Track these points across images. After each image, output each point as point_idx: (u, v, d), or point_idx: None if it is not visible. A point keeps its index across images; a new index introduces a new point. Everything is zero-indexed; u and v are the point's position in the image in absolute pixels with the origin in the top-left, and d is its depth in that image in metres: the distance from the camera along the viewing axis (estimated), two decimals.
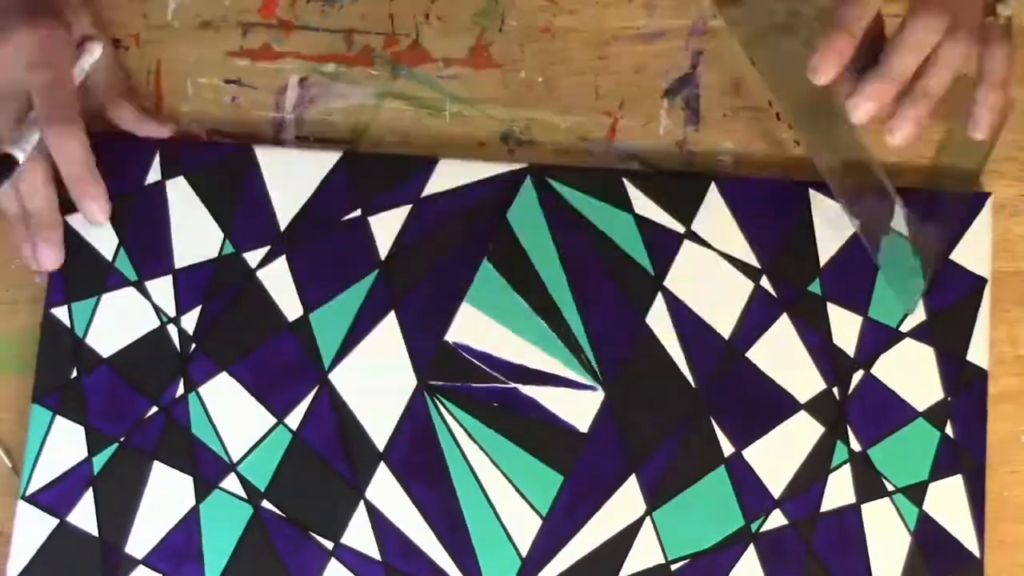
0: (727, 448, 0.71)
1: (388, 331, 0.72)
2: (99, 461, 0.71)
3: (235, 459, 0.71)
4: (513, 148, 0.75)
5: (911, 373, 0.71)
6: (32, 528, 0.70)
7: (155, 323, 0.72)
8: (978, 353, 0.71)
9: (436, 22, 0.77)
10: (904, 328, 0.72)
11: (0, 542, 0.71)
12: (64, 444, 0.71)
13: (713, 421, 0.71)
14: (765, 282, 0.72)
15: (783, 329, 0.72)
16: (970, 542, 0.70)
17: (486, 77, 0.77)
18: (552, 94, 0.76)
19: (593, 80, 0.76)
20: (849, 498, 0.70)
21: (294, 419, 0.71)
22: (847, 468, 0.70)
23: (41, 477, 0.70)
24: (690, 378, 0.71)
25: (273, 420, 0.71)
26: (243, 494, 0.70)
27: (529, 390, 0.71)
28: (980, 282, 0.72)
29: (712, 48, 0.77)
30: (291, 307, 0.72)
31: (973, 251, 0.72)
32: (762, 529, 0.70)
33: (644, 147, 0.75)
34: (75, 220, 0.72)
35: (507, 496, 0.70)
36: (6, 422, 0.73)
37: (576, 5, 0.77)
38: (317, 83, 0.76)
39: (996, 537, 0.71)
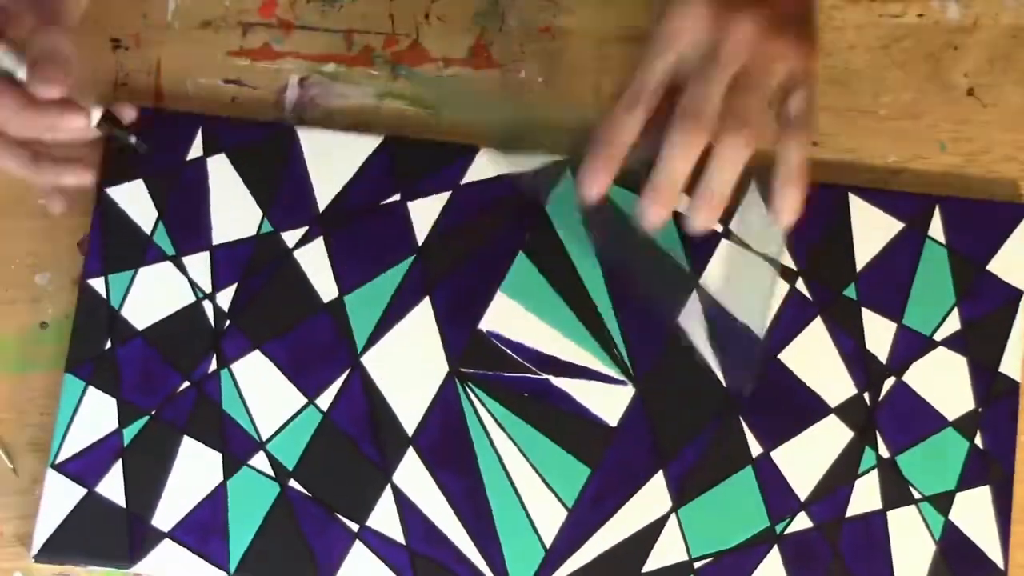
0: (755, 448, 0.71)
1: (422, 317, 0.72)
2: (129, 433, 0.71)
3: (264, 437, 0.71)
4: None
5: (943, 382, 0.71)
6: (60, 497, 0.70)
7: (191, 298, 0.72)
8: (1011, 364, 0.71)
9: (436, 22, 0.77)
10: (938, 337, 0.72)
11: (0, 543, 0.72)
12: (95, 415, 0.71)
13: (743, 421, 0.71)
14: (801, 284, 0.72)
15: (817, 332, 0.72)
16: (995, 553, 0.70)
17: (486, 77, 0.76)
18: (552, 94, 0.76)
19: (593, 80, 0.76)
20: (875, 504, 0.70)
21: (325, 400, 0.71)
22: (875, 474, 0.71)
23: (71, 446, 0.71)
24: (721, 376, 0.71)
25: (304, 400, 0.71)
26: (271, 472, 0.71)
27: (560, 382, 0.71)
28: (1016, 294, 0.72)
29: None
30: (326, 288, 0.72)
31: (1010, 262, 0.72)
32: (787, 531, 0.70)
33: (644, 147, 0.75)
34: (115, 192, 0.73)
35: (534, 486, 0.70)
36: (6, 422, 0.73)
37: (576, 5, 0.77)
38: (317, 83, 0.76)
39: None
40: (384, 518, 0.70)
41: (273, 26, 0.77)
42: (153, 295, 0.72)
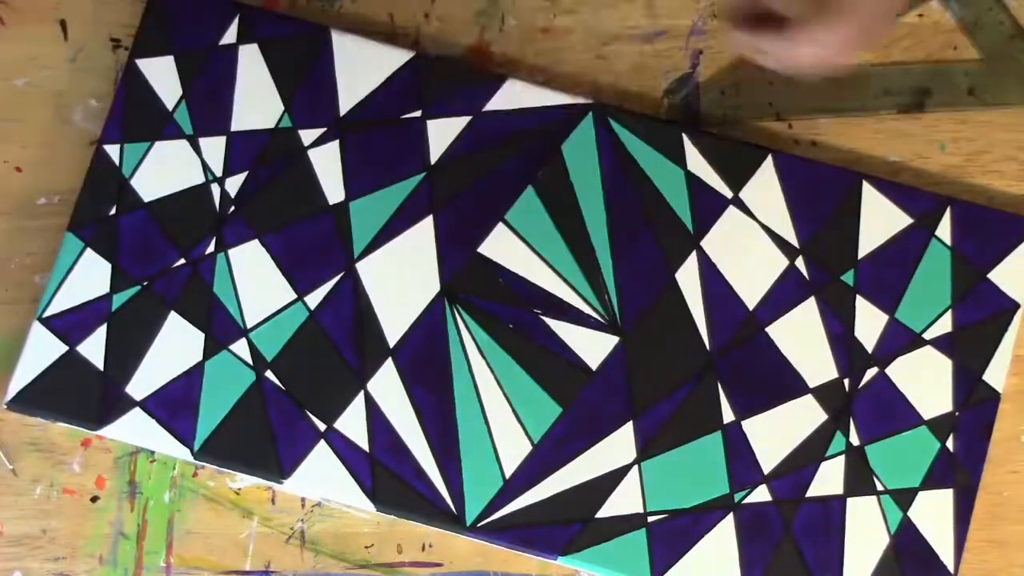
0: (728, 415, 0.71)
1: (422, 234, 0.72)
2: (119, 299, 0.72)
3: (249, 325, 0.72)
4: None
5: (925, 380, 0.71)
6: (42, 350, 0.71)
7: (200, 179, 0.73)
8: (995, 375, 0.71)
9: (436, 22, 0.77)
10: (927, 335, 0.71)
11: (0, 543, 0.73)
12: (89, 277, 0.72)
13: (719, 386, 0.71)
14: (800, 262, 0.72)
15: (808, 312, 0.72)
16: (947, 557, 0.70)
17: None
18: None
19: (593, 80, 0.76)
20: (837, 488, 0.70)
21: (314, 299, 0.72)
22: (841, 459, 0.70)
23: (60, 303, 0.72)
24: (706, 340, 0.71)
25: (293, 295, 0.72)
26: (249, 360, 0.71)
27: (547, 319, 0.72)
28: (1013, 306, 0.72)
29: (712, 48, 0.76)
30: (334, 191, 0.73)
31: (1012, 274, 0.72)
32: (745, 501, 0.70)
33: None
34: (144, 64, 0.74)
35: (503, 417, 0.71)
36: (6, 422, 0.73)
37: (576, 5, 0.77)
38: None
39: (996, 537, 0.72)
40: (352, 423, 0.71)
41: None
42: (164, 170, 0.73)
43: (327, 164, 0.73)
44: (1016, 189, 0.75)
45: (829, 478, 0.70)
